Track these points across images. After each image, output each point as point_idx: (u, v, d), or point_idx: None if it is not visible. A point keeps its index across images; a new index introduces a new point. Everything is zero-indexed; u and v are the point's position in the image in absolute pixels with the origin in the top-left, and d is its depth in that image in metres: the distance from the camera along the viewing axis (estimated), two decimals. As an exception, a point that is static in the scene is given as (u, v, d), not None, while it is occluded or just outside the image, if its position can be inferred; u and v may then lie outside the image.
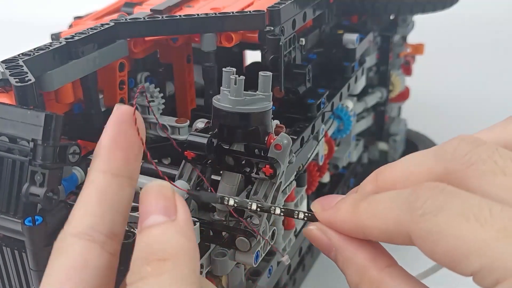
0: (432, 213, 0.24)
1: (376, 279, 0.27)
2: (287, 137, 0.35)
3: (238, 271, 0.42)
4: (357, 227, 0.28)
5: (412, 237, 0.25)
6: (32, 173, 0.29)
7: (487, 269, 0.23)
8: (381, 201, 0.27)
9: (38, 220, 0.29)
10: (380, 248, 0.29)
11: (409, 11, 0.66)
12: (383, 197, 0.27)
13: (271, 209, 0.32)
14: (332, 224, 0.29)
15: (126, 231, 0.34)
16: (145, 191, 0.27)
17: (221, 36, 0.47)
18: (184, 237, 0.25)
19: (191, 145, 0.37)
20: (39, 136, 0.29)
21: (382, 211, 0.27)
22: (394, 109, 0.77)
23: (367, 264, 0.28)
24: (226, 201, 0.32)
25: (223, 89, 0.36)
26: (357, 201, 0.28)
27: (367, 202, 0.28)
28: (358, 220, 0.28)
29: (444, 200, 0.24)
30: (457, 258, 0.23)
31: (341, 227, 0.29)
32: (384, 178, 0.29)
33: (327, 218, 0.29)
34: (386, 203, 0.27)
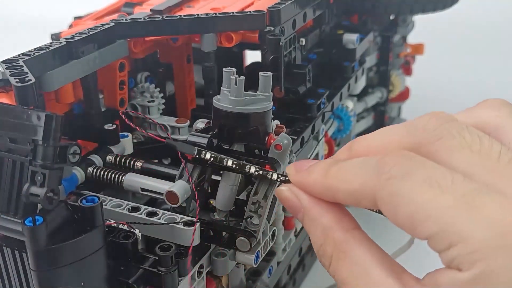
0: (397, 178, 0.25)
1: (340, 240, 0.28)
2: (287, 137, 0.35)
3: (238, 271, 0.42)
4: (326, 189, 0.29)
5: (376, 200, 0.26)
6: (32, 173, 0.29)
7: (441, 233, 0.24)
8: (350, 166, 0.28)
9: (38, 220, 0.29)
10: (346, 212, 0.30)
11: (409, 11, 0.66)
12: (353, 162, 0.28)
13: (246, 167, 0.33)
14: (304, 185, 0.30)
15: (126, 231, 0.35)
16: None
17: (221, 36, 0.47)
18: None
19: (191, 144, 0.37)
20: (39, 136, 0.29)
21: (350, 174, 0.28)
22: (394, 109, 0.77)
23: (333, 225, 0.29)
24: (203, 154, 0.33)
25: (223, 89, 0.36)
26: (329, 165, 0.29)
27: (338, 167, 0.29)
28: (327, 183, 0.29)
29: (410, 166, 0.25)
30: (415, 221, 0.24)
31: (312, 188, 0.30)
32: (358, 148, 0.30)
33: (299, 179, 0.30)
34: (355, 168, 0.28)
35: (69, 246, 0.30)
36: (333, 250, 0.28)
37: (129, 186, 0.39)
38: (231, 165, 0.33)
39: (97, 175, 0.41)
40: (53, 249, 0.30)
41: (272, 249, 0.44)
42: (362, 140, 0.30)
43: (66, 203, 0.31)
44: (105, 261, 0.32)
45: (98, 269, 0.32)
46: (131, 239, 0.34)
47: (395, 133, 0.29)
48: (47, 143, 0.29)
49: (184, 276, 0.36)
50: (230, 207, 0.38)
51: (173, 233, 0.36)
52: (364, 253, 0.27)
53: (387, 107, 0.72)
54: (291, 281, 0.54)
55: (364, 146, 0.30)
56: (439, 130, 0.27)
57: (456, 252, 0.23)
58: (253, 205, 0.37)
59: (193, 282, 0.37)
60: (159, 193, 0.38)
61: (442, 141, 0.26)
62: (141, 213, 0.37)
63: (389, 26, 0.70)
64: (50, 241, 0.30)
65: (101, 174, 0.40)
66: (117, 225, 0.35)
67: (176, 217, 0.36)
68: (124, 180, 0.40)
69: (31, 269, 0.30)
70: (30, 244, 0.29)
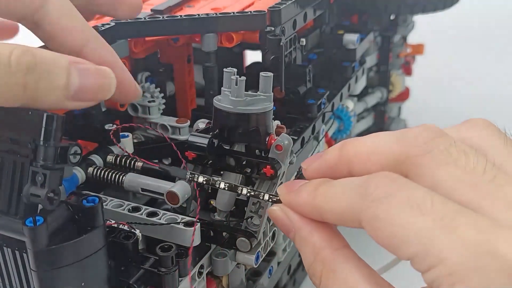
0: (380, 200, 0.26)
1: (329, 259, 0.29)
2: (288, 137, 0.35)
3: (239, 272, 0.42)
4: (314, 210, 0.30)
5: (361, 221, 0.27)
6: (33, 174, 0.29)
7: (421, 255, 0.24)
8: (337, 186, 0.29)
9: (39, 221, 0.29)
10: (336, 232, 0.30)
11: (409, 11, 0.66)
12: (340, 182, 0.29)
13: (238, 189, 0.34)
14: (293, 206, 0.31)
15: (126, 231, 0.35)
16: None
17: (221, 36, 0.47)
18: None
19: (192, 145, 0.37)
20: (40, 136, 0.29)
21: (337, 195, 0.28)
22: (394, 109, 0.77)
23: (322, 244, 0.29)
24: (196, 178, 0.34)
25: (224, 90, 0.36)
26: (317, 185, 0.30)
27: (326, 187, 0.29)
28: (315, 203, 0.29)
29: (393, 189, 0.26)
30: (397, 243, 0.25)
31: (301, 209, 0.30)
32: (348, 151, 0.30)
33: (289, 200, 0.31)
34: (342, 189, 0.28)
35: (69, 246, 0.30)
36: (322, 269, 0.29)
37: (129, 186, 0.39)
38: (223, 187, 0.34)
39: (97, 175, 0.41)
40: (54, 250, 0.30)
41: (272, 249, 0.44)
42: (353, 143, 0.31)
43: (67, 203, 0.31)
44: (105, 261, 0.32)
45: (98, 269, 0.32)
46: (131, 240, 0.34)
47: (386, 140, 0.29)
48: (48, 143, 0.29)
49: (185, 276, 0.36)
50: (230, 208, 0.39)
51: (173, 233, 0.36)
52: (351, 272, 0.28)
53: (387, 107, 0.72)
54: (291, 281, 0.54)
55: (353, 151, 0.30)
56: (428, 144, 0.28)
57: (435, 273, 0.24)
58: (254, 206, 0.37)
59: (193, 282, 0.37)
60: (160, 193, 0.38)
61: (429, 155, 0.27)
62: (141, 213, 0.37)
63: (389, 26, 0.70)
64: (51, 241, 0.30)
65: (101, 174, 0.40)
66: (117, 225, 0.35)
67: (176, 218, 0.36)
68: (124, 180, 0.40)
69: (31, 269, 0.30)
70: (31, 244, 0.29)
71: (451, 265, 0.23)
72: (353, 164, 0.30)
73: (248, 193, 0.34)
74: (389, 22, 0.70)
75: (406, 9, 0.65)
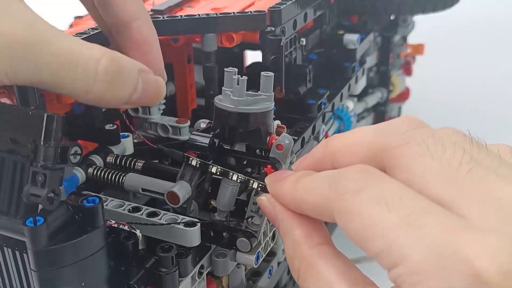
0: (351, 193, 0.26)
1: (306, 255, 0.29)
2: (288, 137, 0.35)
3: (239, 272, 0.42)
4: (294, 201, 0.30)
5: (333, 214, 0.27)
6: (33, 174, 0.29)
7: (386, 251, 0.24)
8: (315, 179, 0.29)
9: (39, 221, 0.29)
10: (318, 226, 0.30)
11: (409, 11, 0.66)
12: (318, 175, 0.29)
13: (229, 174, 0.35)
14: (277, 196, 0.31)
15: (127, 231, 0.35)
16: None
17: (222, 36, 0.47)
18: None
19: (192, 145, 0.37)
20: (40, 136, 0.29)
21: (315, 187, 0.28)
22: (394, 109, 0.77)
23: (300, 240, 0.29)
24: (190, 160, 0.35)
25: (225, 89, 0.36)
26: (299, 177, 0.30)
27: (306, 179, 0.29)
28: (295, 194, 0.30)
29: (364, 182, 0.26)
30: (364, 238, 0.25)
31: (283, 199, 0.31)
32: (333, 146, 0.31)
33: (274, 190, 0.31)
34: (319, 181, 0.28)
35: (70, 246, 0.30)
36: (300, 264, 0.29)
37: (129, 186, 0.39)
38: (215, 171, 0.35)
39: (97, 175, 0.40)
40: (54, 250, 0.30)
41: (272, 249, 0.44)
42: (337, 138, 0.31)
43: (67, 203, 0.31)
44: (106, 261, 0.32)
45: (99, 269, 0.32)
46: (131, 240, 0.34)
47: (367, 133, 0.29)
48: (48, 143, 0.29)
49: (185, 276, 0.36)
50: (230, 208, 0.38)
51: (173, 233, 0.36)
52: (328, 269, 0.28)
53: (387, 107, 0.72)
54: (291, 281, 0.54)
55: (338, 146, 0.30)
56: (407, 134, 0.27)
57: (398, 271, 0.23)
58: (254, 205, 0.37)
59: (193, 282, 0.37)
60: (160, 193, 0.38)
61: (406, 146, 0.27)
62: (141, 214, 0.37)
63: (389, 26, 0.70)
64: (51, 241, 0.30)
65: (101, 174, 0.40)
66: (117, 225, 0.35)
67: (177, 218, 0.36)
68: (124, 180, 0.40)
69: (31, 269, 0.30)
70: (31, 244, 0.29)
71: (413, 264, 0.23)
72: (336, 158, 0.30)
73: (239, 180, 0.35)
74: (389, 22, 0.70)
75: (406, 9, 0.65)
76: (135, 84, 0.32)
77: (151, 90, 0.33)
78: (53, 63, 0.29)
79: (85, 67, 0.29)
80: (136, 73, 0.32)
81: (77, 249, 0.30)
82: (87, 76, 0.30)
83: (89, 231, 0.31)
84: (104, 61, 0.30)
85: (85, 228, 0.31)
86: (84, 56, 0.30)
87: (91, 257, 0.31)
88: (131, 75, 0.32)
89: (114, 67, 0.30)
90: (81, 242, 0.30)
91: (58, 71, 0.29)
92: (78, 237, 0.30)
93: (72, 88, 0.30)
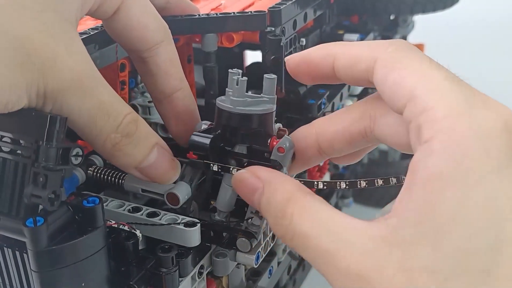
0: (404, 50, 0.29)
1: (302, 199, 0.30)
2: (290, 140, 0.35)
3: (239, 272, 0.42)
4: (328, 55, 0.32)
5: (375, 62, 0.29)
6: (34, 175, 0.29)
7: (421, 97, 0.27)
8: (352, 43, 0.32)
9: (39, 221, 0.29)
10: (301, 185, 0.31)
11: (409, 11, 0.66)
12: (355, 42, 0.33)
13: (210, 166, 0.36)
14: (305, 56, 0.34)
15: (128, 232, 0.35)
16: None
17: (222, 36, 0.47)
18: None
19: (193, 145, 0.37)
20: (42, 137, 0.29)
21: (355, 45, 0.32)
22: (394, 109, 0.77)
23: (293, 189, 0.30)
24: (211, 167, 0.36)
25: (228, 90, 0.36)
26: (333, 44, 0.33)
27: (342, 43, 0.33)
28: (330, 48, 0.32)
29: (408, 45, 0.30)
30: (401, 85, 0.28)
31: (314, 53, 0.33)
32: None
33: (305, 53, 0.34)
34: (361, 43, 0.32)
35: (70, 247, 0.30)
36: (294, 208, 0.29)
37: (129, 187, 0.39)
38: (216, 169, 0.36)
39: (97, 176, 0.40)
40: (54, 250, 0.30)
41: (272, 249, 0.45)
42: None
43: (68, 204, 0.31)
44: (106, 262, 0.32)
45: (99, 270, 0.32)
46: (132, 240, 0.34)
47: None
48: (50, 144, 0.29)
49: (185, 276, 0.36)
50: (231, 208, 0.38)
51: (173, 233, 0.36)
52: (323, 207, 0.29)
53: (387, 107, 0.72)
54: (291, 281, 0.54)
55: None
56: None
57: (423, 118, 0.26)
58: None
59: (193, 282, 0.37)
60: (160, 194, 0.38)
61: None
62: (141, 214, 0.37)
63: (389, 26, 0.70)
64: (51, 242, 0.30)
65: (101, 174, 0.40)
66: (117, 225, 0.35)
67: (177, 218, 0.37)
68: (124, 180, 0.40)
69: (32, 270, 0.30)
70: (31, 245, 0.29)
71: None
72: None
73: (218, 169, 0.36)
74: (389, 22, 0.70)
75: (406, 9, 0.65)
76: (148, 150, 0.34)
77: (163, 166, 0.35)
78: (95, 109, 0.32)
79: (115, 118, 0.33)
80: (151, 142, 0.35)
81: (77, 250, 0.30)
82: (111, 126, 0.33)
83: (89, 232, 0.31)
84: (128, 117, 0.33)
85: (85, 228, 0.31)
86: (118, 109, 0.33)
87: (91, 257, 0.31)
88: (146, 141, 0.34)
89: (133, 127, 0.33)
90: (81, 243, 0.31)
91: (96, 114, 0.32)
92: (78, 238, 0.30)
93: (96, 134, 0.32)
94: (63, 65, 0.30)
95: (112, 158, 0.34)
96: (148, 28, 0.37)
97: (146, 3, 0.38)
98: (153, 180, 0.36)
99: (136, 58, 0.39)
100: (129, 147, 0.33)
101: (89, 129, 0.32)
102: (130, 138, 0.33)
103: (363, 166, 0.71)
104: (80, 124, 0.32)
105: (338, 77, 0.33)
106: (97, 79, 0.33)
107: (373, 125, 0.32)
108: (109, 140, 0.33)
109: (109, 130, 0.33)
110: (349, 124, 0.33)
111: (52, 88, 0.30)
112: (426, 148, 0.26)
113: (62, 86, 0.30)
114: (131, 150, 0.34)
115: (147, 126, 0.35)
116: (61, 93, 0.30)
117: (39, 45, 0.30)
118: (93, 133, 0.32)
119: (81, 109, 0.31)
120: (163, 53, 0.38)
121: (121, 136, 0.33)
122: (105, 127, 0.32)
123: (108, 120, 0.32)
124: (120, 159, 0.34)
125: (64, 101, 0.31)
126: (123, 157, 0.34)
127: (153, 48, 0.38)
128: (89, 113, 0.32)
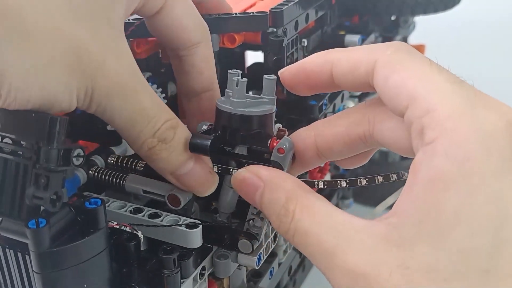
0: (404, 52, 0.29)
1: (303, 196, 0.30)
2: (290, 140, 0.35)
3: (240, 273, 0.42)
4: (326, 62, 0.32)
5: (375, 64, 0.29)
6: (36, 176, 0.29)
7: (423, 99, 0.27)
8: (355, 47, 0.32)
9: (41, 223, 0.29)
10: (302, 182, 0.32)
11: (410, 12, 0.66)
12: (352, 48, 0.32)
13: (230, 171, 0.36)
14: (303, 64, 0.33)
15: (129, 233, 0.35)
16: None
17: (223, 37, 0.47)
18: None
19: (193, 147, 0.36)
20: (43, 138, 0.29)
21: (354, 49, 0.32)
22: (395, 110, 0.77)
23: (294, 187, 0.31)
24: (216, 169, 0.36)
25: (228, 91, 0.36)
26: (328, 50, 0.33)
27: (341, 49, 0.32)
28: (328, 56, 0.32)
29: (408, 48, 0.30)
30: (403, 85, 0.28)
31: (311, 63, 0.33)
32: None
33: (300, 63, 0.33)
34: (360, 47, 0.32)
35: (72, 248, 0.30)
36: (296, 205, 0.30)
37: (131, 187, 0.39)
38: None
39: (99, 177, 0.40)
40: (56, 251, 0.30)
41: (273, 250, 0.44)
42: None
43: (70, 205, 0.31)
44: (108, 263, 0.32)
45: (101, 271, 0.32)
46: (133, 241, 0.34)
47: None
48: (51, 145, 0.29)
49: (187, 277, 0.36)
50: (232, 209, 0.39)
51: (175, 235, 0.36)
52: (324, 205, 0.29)
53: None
54: (291, 282, 0.54)
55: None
56: None
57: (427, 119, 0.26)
58: (255, 208, 0.37)
59: (195, 284, 0.37)
60: (161, 195, 0.38)
61: None
62: (143, 215, 0.37)
63: (390, 27, 0.70)
64: (53, 243, 0.30)
65: (103, 175, 0.40)
66: (119, 226, 0.35)
67: (178, 219, 0.36)
68: (126, 181, 0.40)
69: (34, 271, 0.30)
70: (33, 246, 0.29)
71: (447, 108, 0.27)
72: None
73: (219, 170, 0.36)
74: (390, 23, 0.70)
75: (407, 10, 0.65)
76: (184, 158, 0.35)
77: (200, 176, 0.36)
78: (135, 113, 0.33)
79: (154, 124, 0.33)
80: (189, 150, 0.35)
81: (79, 251, 0.30)
82: (149, 132, 0.33)
83: (92, 233, 0.31)
84: (167, 124, 0.34)
85: (87, 229, 0.31)
86: (157, 115, 0.34)
87: (93, 259, 0.31)
88: (183, 149, 0.35)
89: (170, 132, 0.34)
90: (84, 244, 0.31)
91: (136, 118, 0.33)
92: (80, 239, 0.30)
93: (135, 137, 0.33)
94: (110, 68, 0.31)
95: (149, 161, 0.35)
96: (188, 28, 0.38)
97: (189, 4, 0.38)
98: (189, 189, 0.36)
99: (173, 55, 0.40)
100: (164, 152, 0.34)
101: (128, 132, 0.33)
102: (166, 144, 0.34)
103: (363, 167, 0.71)
104: (120, 125, 0.33)
105: (337, 84, 0.32)
106: (141, 83, 0.33)
107: (372, 129, 0.32)
108: (146, 144, 0.34)
109: (147, 135, 0.33)
110: (348, 128, 0.33)
111: (99, 91, 0.31)
112: (429, 149, 0.26)
113: (108, 89, 0.31)
114: (166, 155, 0.34)
115: (187, 134, 0.35)
116: (107, 96, 0.31)
117: (90, 49, 0.30)
118: (132, 135, 0.33)
119: (123, 112, 0.32)
120: (200, 54, 0.39)
121: (157, 141, 0.34)
122: (143, 131, 0.33)
123: (147, 125, 0.33)
124: (156, 163, 0.35)
125: (108, 104, 0.32)
126: (159, 161, 0.35)
127: (191, 47, 0.39)
128: (130, 116, 0.33)
